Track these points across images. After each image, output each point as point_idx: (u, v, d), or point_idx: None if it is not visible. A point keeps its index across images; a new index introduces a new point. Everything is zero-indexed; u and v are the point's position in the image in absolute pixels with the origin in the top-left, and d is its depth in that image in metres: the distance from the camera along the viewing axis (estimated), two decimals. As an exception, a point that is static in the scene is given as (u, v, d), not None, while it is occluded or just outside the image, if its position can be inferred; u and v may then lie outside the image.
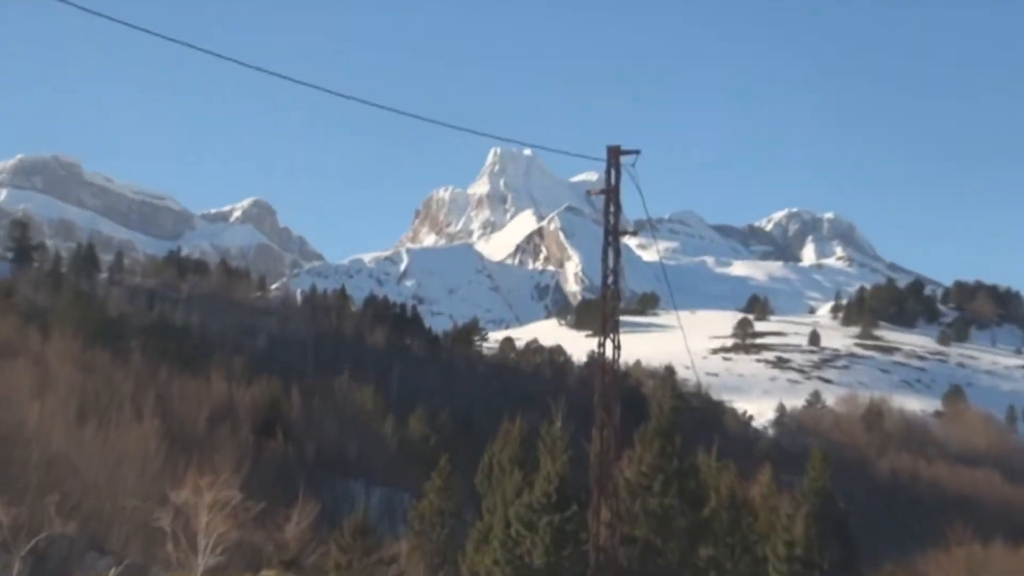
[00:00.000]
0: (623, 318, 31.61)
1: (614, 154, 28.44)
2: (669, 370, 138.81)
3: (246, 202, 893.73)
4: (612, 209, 28.49)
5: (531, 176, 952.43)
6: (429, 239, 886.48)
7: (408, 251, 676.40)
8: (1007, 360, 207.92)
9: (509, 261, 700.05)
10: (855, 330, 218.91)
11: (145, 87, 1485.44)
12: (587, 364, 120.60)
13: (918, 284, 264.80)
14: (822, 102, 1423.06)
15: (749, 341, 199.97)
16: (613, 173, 28.40)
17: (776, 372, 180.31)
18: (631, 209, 30.54)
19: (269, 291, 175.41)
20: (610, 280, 28.59)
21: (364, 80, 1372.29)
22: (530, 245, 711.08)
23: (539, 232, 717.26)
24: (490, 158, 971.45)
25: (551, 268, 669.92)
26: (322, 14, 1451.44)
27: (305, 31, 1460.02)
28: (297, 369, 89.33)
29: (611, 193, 28.41)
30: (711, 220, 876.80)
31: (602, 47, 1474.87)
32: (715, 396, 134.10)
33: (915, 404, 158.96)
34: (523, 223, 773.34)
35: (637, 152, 28.29)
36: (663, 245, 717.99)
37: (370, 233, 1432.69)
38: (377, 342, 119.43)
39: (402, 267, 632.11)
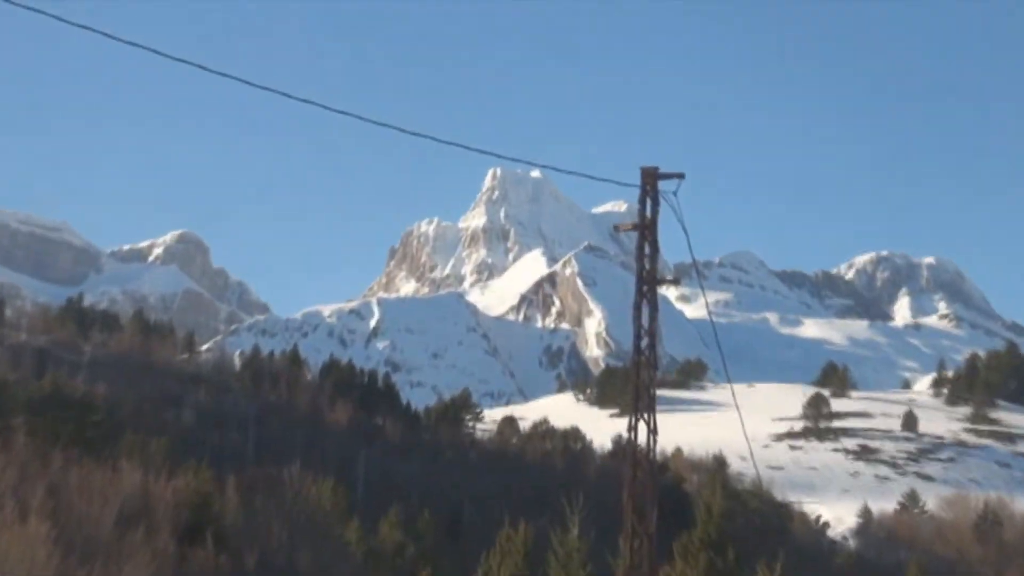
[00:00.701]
0: (660, 392, 31.60)
1: (650, 178, 28.43)
2: (720, 461, 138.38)
3: (169, 236, 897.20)
4: (647, 250, 28.48)
5: (541, 206, 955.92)
6: (407, 287, 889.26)
7: (380, 302, 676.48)
8: None
9: (511, 316, 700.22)
10: (964, 411, 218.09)
11: (36, 82, 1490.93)
12: (612, 453, 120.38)
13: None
14: (916, 113, 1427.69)
15: (824, 424, 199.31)
16: (649, 203, 28.35)
17: (859, 465, 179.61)
18: (671, 250, 30.63)
19: (198, 352, 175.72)
20: (644, 343, 28.46)
21: (335, 86, 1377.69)
22: (539, 296, 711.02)
23: (550, 278, 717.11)
24: (488, 182, 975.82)
25: (565, 326, 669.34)
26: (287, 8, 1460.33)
27: (262, 26, 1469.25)
28: (234, 455, 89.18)
29: (646, 229, 28.40)
30: (774, 265, 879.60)
31: (632, 48, 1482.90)
32: (779, 495, 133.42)
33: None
34: (530, 267, 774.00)
35: (680, 176, 28.27)
36: (712, 297, 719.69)
37: (331, 278, 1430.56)
38: (339, 421, 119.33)
39: (372, 323, 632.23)
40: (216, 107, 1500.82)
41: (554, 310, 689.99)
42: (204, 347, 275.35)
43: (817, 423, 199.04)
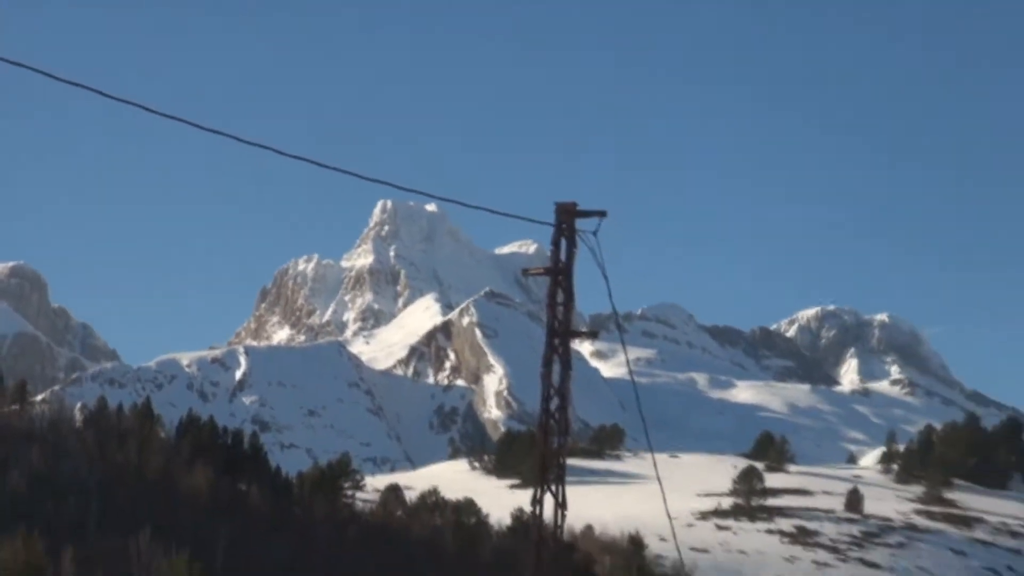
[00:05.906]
0: (570, 462, 31.88)
1: (567, 215, 28.51)
2: (636, 542, 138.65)
3: (1, 269, 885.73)
4: (560, 298, 28.63)
5: (436, 245, 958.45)
6: (280, 333, 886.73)
7: (248, 351, 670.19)
8: None
9: (399, 371, 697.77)
10: (917, 490, 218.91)
11: None
12: (512, 529, 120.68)
13: (1014, 423, 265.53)
14: (870, 145, 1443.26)
15: (757, 502, 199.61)
16: (564, 244, 28.46)
17: (796, 550, 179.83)
18: (587, 300, 31.64)
19: (32, 404, 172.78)
20: (553, 404, 28.61)
21: (209, 104, 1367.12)
22: (431, 348, 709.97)
23: (445, 328, 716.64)
24: (376, 215, 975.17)
25: (461, 383, 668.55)
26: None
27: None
28: (73, 524, 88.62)
29: (559, 274, 28.52)
30: (704, 319, 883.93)
31: (551, 79, 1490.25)
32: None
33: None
34: (422, 315, 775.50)
35: (601, 214, 28.29)
36: (633, 354, 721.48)
37: (191, 321, 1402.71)
38: (197, 487, 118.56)
39: (238, 374, 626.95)
40: (59, 127, 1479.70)
41: (449, 365, 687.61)
42: (39, 398, 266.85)
43: (749, 500, 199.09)
